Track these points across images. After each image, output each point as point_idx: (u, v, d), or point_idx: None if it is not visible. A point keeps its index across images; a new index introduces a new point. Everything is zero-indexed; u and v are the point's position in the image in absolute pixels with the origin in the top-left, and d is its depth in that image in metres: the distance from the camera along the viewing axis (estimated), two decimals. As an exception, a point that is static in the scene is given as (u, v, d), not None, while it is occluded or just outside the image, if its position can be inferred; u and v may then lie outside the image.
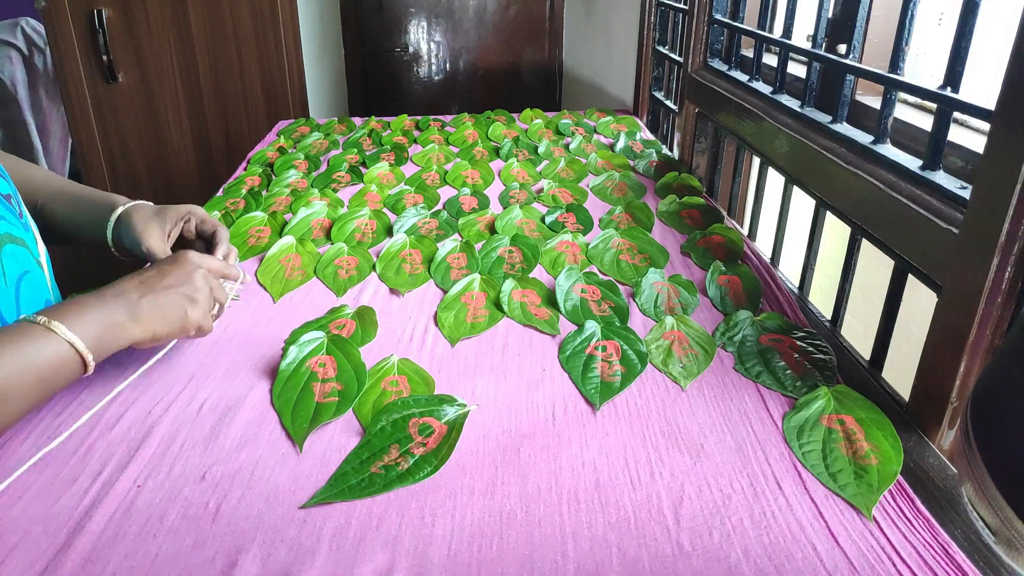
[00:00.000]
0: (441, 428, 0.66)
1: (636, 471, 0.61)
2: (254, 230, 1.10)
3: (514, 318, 0.86)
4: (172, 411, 0.69)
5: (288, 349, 0.75)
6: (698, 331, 0.81)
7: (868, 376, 0.77)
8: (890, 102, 0.81)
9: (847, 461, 0.62)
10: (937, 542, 0.53)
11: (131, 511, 0.57)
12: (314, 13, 2.38)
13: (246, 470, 0.61)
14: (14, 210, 0.73)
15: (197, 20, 2.05)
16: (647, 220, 1.13)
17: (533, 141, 1.58)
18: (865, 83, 1.07)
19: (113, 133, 2.14)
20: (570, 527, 0.55)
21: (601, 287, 0.91)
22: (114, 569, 0.51)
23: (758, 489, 0.59)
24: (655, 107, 1.75)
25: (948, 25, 1.12)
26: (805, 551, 0.53)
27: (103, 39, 2.01)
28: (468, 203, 1.22)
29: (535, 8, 2.97)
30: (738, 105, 1.15)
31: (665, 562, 0.52)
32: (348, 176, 1.36)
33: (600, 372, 0.74)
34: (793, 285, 0.99)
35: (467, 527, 0.55)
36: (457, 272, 0.97)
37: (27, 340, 0.57)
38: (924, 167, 0.74)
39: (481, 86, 3.09)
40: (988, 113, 0.61)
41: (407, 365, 0.75)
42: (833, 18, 1.09)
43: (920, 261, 0.71)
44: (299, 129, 1.70)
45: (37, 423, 0.67)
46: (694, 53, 1.37)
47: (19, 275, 0.69)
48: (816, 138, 0.92)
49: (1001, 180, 0.57)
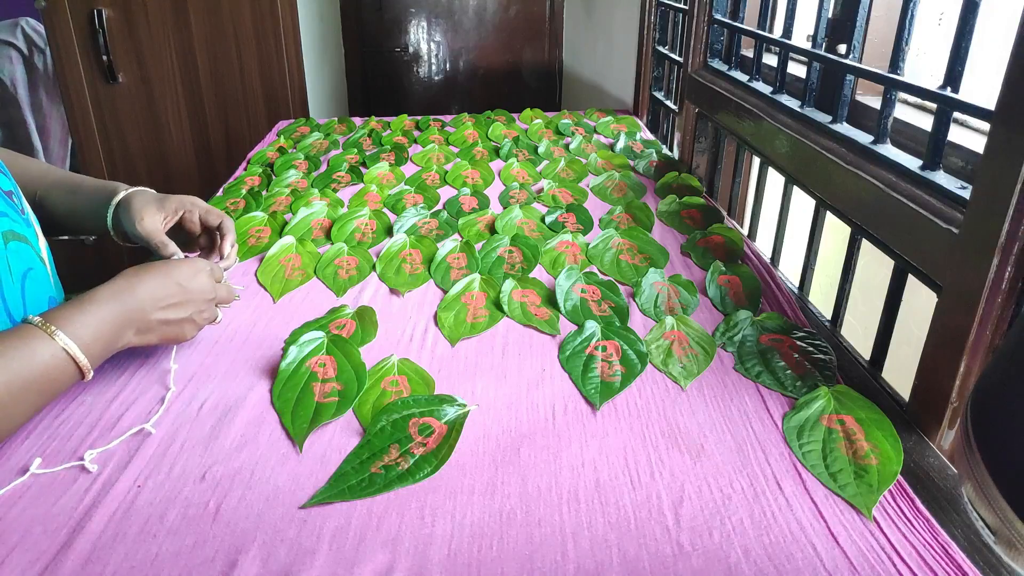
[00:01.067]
0: (441, 428, 0.66)
1: (636, 471, 0.61)
2: (254, 230, 1.10)
3: (514, 318, 0.85)
4: (172, 411, 0.69)
5: (288, 349, 0.75)
6: (698, 331, 0.81)
7: (868, 376, 0.77)
8: (890, 102, 0.81)
9: (847, 461, 0.61)
10: (937, 542, 0.53)
11: (131, 511, 0.57)
12: (314, 13, 2.38)
13: (246, 470, 0.61)
14: (16, 206, 0.73)
15: (197, 20, 2.05)
16: (647, 220, 1.13)
17: (533, 141, 1.58)
18: (865, 83, 1.07)
19: (113, 133, 2.14)
20: (570, 527, 0.55)
21: (601, 287, 0.91)
22: (114, 569, 0.51)
23: (758, 489, 0.59)
24: (655, 107, 1.75)
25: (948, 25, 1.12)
26: (805, 551, 0.53)
27: (103, 39, 2.01)
28: (468, 203, 1.22)
29: (535, 8, 2.96)
30: (738, 105, 1.15)
31: (665, 562, 0.52)
32: (348, 176, 1.36)
33: (600, 372, 0.74)
34: (793, 285, 0.99)
35: (467, 527, 0.55)
36: (457, 272, 0.97)
37: (25, 345, 0.58)
38: (924, 167, 0.74)
39: (481, 86, 3.09)
40: (988, 113, 0.61)
41: (407, 365, 0.75)
42: (833, 18, 1.09)
43: (920, 261, 0.71)
44: (299, 129, 1.70)
45: (37, 423, 0.67)
46: (694, 53, 1.37)
47: (24, 272, 0.69)
48: (816, 138, 0.92)
49: (1001, 180, 0.57)
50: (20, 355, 0.57)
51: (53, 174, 0.88)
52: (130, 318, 0.65)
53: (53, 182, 0.86)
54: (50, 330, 0.59)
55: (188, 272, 0.71)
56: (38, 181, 0.86)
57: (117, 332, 0.64)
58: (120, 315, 0.64)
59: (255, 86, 2.13)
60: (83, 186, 0.86)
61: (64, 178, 0.88)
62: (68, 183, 0.87)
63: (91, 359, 0.61)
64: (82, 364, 0.60)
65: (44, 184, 0.86)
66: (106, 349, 0.63)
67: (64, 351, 0.59)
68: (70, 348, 0.59)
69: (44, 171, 0.88)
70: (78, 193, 0.85)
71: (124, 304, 0.65)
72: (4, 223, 0.68)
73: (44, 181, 0.86)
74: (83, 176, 0.89)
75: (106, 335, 0.63)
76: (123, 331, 0.65)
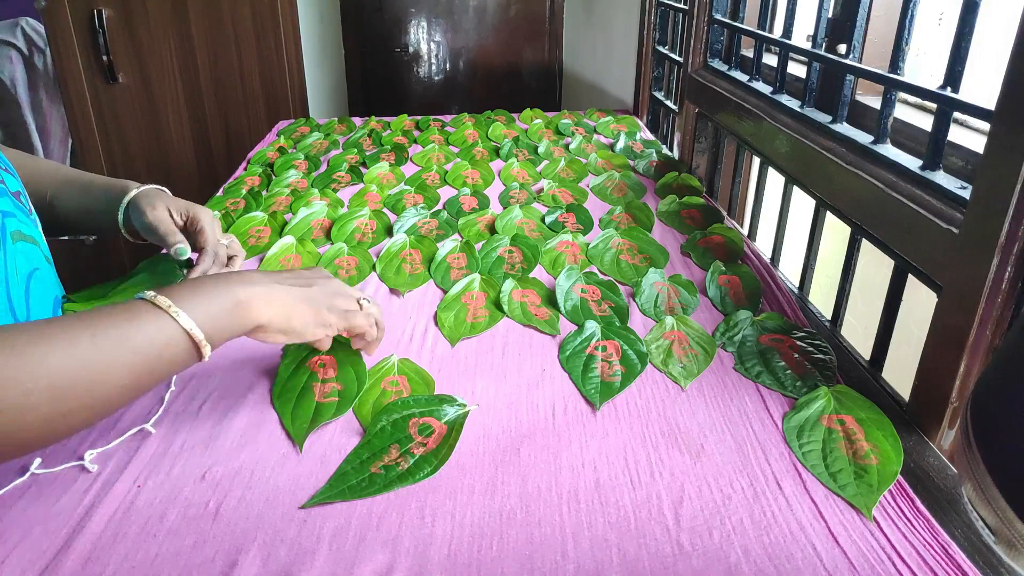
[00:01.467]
0: (441, 428, 0.66)
1: (636, 471, 0.61)
2: (254, 230, 1.10)
3: (514, 318, 0.85)
4: (172, 411, 0.69)
5: (288, 349, 0.75)
6: (698, 331, 0.81)
7: (868, 376, 0.77)
8: (890, 102, 0.81)
9: (847, 461, 0.61)
10: (937, 542, 0.53)
11: (131, 511, 0.57)
12: (314, 13, 2.38)
13: (246, 470, 0.61)
14: (24, 207, 0.73)
15: (197, 20, 2.05)
16: (647, 220, 1.13)
17: (533, 141, 1.58)
18: (865, 83, 1.07)
19: (113, 133, 2.14)
20: (570, 527, 0.55)
21: (601, 287, 0.91)
22: (114, 569, 0.51)
23: (758, 489, 0.59)
24: (655, 107, 1.75)
25: (948, 25, 1.12)
26: (805, 551, 0.53)
27: (103, 39, 2.01)
28: (468, 203, 1.22)
29: (535, 8, 2.96)
30: (738, 105, 1.15)
31: (665, 562, 0.52)
32: (348, 176, 1.36)
33: (600, 372, 0.74)
34: (793, 285, 0.99)
35: (467, 527, 0.55)
36: (457, 272, 0.97)
37: (131, 318, 0.52)
38: (924, 167, 0.74)
39: (481, 86, 3.09)
40: (988, 113, 0.61)
41: (407, 365, 0.75)
42: (833, 18, 1.09)
43: (920, 261, 0.71)
44: (299, 129, 1.70)
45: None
46: (694, 53, 1.37)
47: (29, 272, 0.69)
48: (816, 138, 0.92)
49: (1001, 180, 0.57)
50: (121, 325, 0.51)
51: (63, 172, 0.89)
52: (244, 280, 0.58)
53: (64, 180, 0.87)
54: (156, 300, 0.54)
55: (315, 271, 0.67)
56: (49, 180, 0.86)
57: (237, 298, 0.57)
58: (237, 283, 0.58)
59: (255, 86, 2.13)
60: (95, 183, 0.87)
61: (75, 176, 0.88)
62: (80, 181, 0.87)
63: (207, 333, 0.55)
64: (198, 340, 0.54)
65: (55, 182, 0.86)
66: (222, 320, 0.57)
67: (172, 320, 0.53)
68: (178, 317, 0.53)
69: (54, 169, 0.89)
70: (91, 190, 0.86)
71: (241, 277, 0.59)
72: (11, 223, 0.68)
73: (55, 179, 0.86)
74: (91, 174, 0.90)
75: (223, 303, 0.57)
76: (243, 296, 0.58)
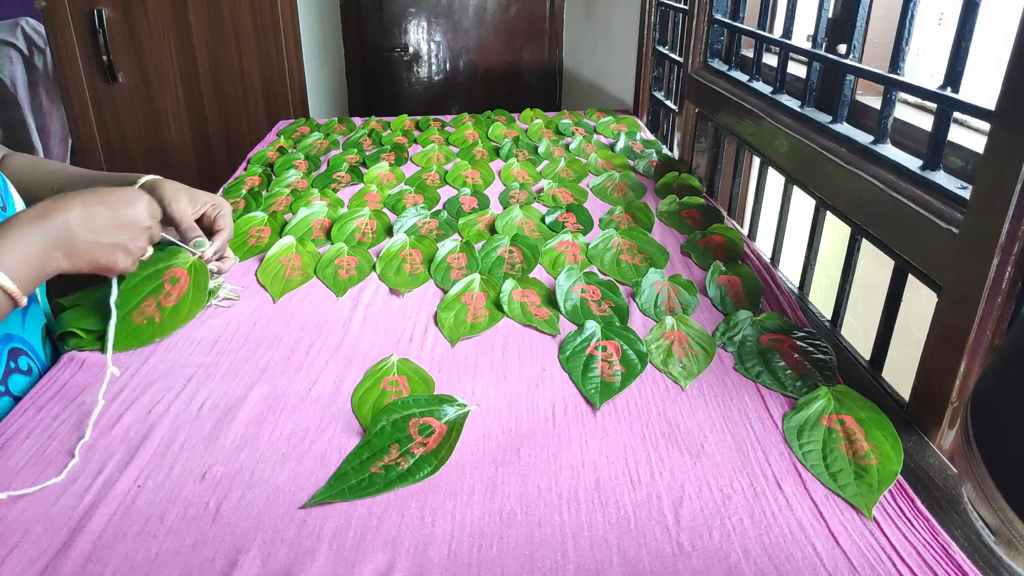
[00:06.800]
0: (441, 428, 0.66)
1: (636, 471, 0.61)
2: (254, 230, 1.10)
3: (514, 318, 0.85)
4: (172, 411, 0.69)
5: None
6: (698, 331, 0.81)
7: (868, 376, 0.77)
8: (890, 102, 0.81)
9: (847, 461, 0.61)
10: (937, 542, 0.53)
11: (131, 511, 0.57)
12: (314, 13, 2.38)
13: (246, 470, 0.61)
14: None
15: (197, 20, 2.05)
16: (647, 220, 1.13)
17: (533, 141, 1.58)
18: (865, 83, 1.07)
19: (113, 133, 2.14)
20: (570, 527, 0.55)
21: (601, 287, 0.91)
22: (114, 569, 0.51)
23: (758, 489, 0.59)
24: (655, 107, 1.75)
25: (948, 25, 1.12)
26: (805, 551, 0.53)
27: (103, 39, 2.01)
28: (468, 203, 1.22)
29: (535, 8, 2.96)
30: (738, 105, 1.15)
31: (665, 562, 0.52)
32: (348, 176, 1.36)
33: (600, 372, 0.74)
34: (793, 285, 0.99)
35: (467, 527, 0.55)
36: (457, 272, 0.97)
37: None
38: (924, 167, 0.74)
39: (481, 86, 3.09)
40: (988, 113, 0.61)
41: (407, 365, 0.75)
42: (833, 18, 1.09)
43: (920, 261, 0.71)
44: (299, 129, 1.70)
45: (36, 423, 0.67)
46: (694, 53, 1.37)
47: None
48: (816, 138, 0.92)
49: (1001, 180, 0.57)
50: None
51: (71, 170, 0.90)
52: (57, 239, 0.63)
53: (73, 177, 0.88)
54: None
55: (121, 198, 0.69)
56: (57, 177, 0.87)
57: (44, 255, 0.62)
58: (46, 237, 0.62)
59: (255, 86, 2.13)
60: (102, 176, 0.88)
61: (83, 172, 0.90)
62: (88, 176, 0.89)
63: (20, 285, 0.60)
64: (11, 291, 0.59)
65: (65, 179, 0.87)
66: (35, 274, 0.61)
67: None
68: None
69: (61, 168, 0.90)
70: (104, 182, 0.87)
71: (51, 226, 0.62)
72: None
73: (64, 175, 0.88)
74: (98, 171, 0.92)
75: (33, 258, 0.61)
76: (51, 254, 0.62)
